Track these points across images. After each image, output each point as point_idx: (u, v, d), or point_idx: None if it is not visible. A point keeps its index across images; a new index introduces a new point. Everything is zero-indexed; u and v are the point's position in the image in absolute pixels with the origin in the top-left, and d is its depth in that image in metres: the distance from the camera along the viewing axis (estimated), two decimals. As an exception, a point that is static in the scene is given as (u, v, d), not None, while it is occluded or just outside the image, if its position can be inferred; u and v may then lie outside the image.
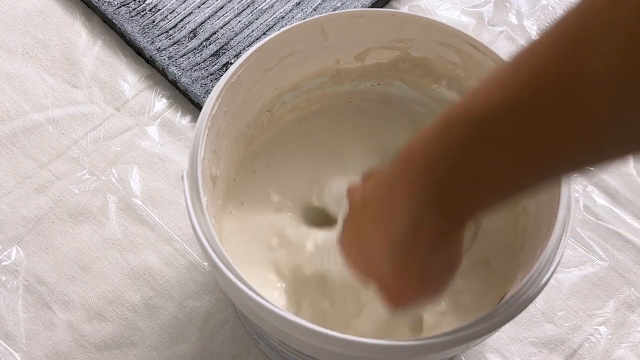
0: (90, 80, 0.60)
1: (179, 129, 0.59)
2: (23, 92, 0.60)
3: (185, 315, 0.52)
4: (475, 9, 0.65)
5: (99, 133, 0.58)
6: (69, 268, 0.53)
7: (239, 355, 0.51)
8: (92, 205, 0.55)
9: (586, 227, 0.56)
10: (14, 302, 0.52)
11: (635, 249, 0.55)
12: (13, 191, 0.56)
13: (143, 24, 0.62)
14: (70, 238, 0.54)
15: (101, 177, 0.56)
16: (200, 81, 0.59)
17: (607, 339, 0.52)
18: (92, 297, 0.52)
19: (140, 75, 0.61)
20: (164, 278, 0.53)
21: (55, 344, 0.51)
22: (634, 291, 0.53)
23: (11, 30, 0.63)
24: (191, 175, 0.39)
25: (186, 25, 0.62)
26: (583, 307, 0.53)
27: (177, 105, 0.60)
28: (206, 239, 0.37)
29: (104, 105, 0.59)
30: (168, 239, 0.54)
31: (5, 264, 0.53)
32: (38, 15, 0.63)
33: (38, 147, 0.58)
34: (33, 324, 0.52)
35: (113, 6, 0.62)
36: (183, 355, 0.51)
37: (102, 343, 0.51)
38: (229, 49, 0.61)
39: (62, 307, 0.52)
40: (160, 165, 0.57)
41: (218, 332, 0.51)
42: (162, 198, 0.56)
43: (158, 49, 0.60)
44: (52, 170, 0.57)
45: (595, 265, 0.54)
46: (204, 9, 0.63)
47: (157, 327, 0.52)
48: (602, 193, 0.57)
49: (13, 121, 0.59)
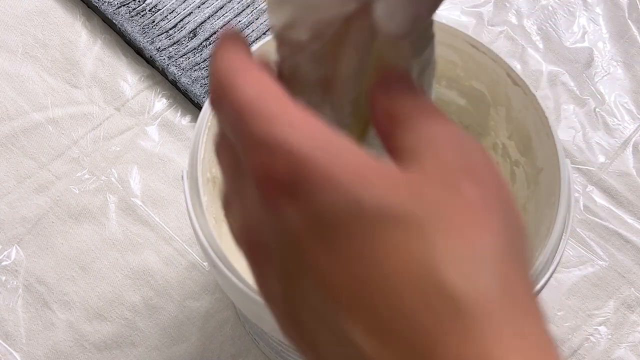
0: (90, 80, 0.60)
1: (179, 129, 0.59)
2: (23, 92, 0.60)
3: (185, 315, 0.52)
4: (475, 9, 0.65)
5: (99, 133, 0.58)
6: (69, 268, 0.53)
7: (239, 355, 0.51)
8: (92, 205, 0.55)
9: (586, 227, 0.56)
10: (14, 302, 0.52)
11: (635, 249, 0.55)
12: (13, 191, 0.56)
13: (143, 24, 0.62)
14: (70, 238, 0.54)
15: (101, 177, 0.56)
16: (200, 81, 0.59)
17: (607, 339, 0.52)
18: (92, 297, 0.52)
19: (140, 75, 0.61)
20: (164, 278, 0.53)
21: (55, 344, 0.51)
22: (633, 291, 0.53)
23: (11, 30, 0.63)
24: (191, 175, 0.39)
25: (186, 25, 0.62)
26: (583, 307, 0.53)
27: (177, 105, 0.60)
28: (206, 239, 0.37)
29: (104, 105, 0.59)
30: (168, 239, 0.54)
31: (5, 264, 0.53)
32: (38, 15, 0.63)
33: (38, 147, 0.58)
34: (33, 324, 0.52)
35: (113, 6, 0.62)
36: (183, 355, 0.51)
37: (102, 343, 0.51)
38: (229, 49, 0.61)
39: (62, 307, 0.52)
40: (160, 165, 0.57)
41: (218, 332, 0.51)
42: (162, 198, 0.56)
43: (158, 49, 0.60)
44: (52, 170, 0.57)
45: (595, 265, 0.54)
46: (204, 9, 0.63)
47: (157, 327, 0.51)
48: (602, 193, 0.57)
49: (13, 121, 0.59)
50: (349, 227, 0.20)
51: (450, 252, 0.19)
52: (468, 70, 0.46)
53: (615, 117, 0.60)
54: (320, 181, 0.20)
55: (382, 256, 0.19)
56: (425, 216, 0.19)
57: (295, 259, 0.21)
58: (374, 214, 0.19)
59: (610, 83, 0.61)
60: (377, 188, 0.19)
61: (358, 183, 0.20)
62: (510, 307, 0.19)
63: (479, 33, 0.64)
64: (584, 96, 0.61)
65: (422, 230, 0.19)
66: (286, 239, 0.21)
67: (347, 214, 0.20)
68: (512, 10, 0.65)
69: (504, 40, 0.63)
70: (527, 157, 0.45)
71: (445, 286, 0.18)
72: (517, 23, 0.64)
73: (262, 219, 0.22)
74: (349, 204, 0.20)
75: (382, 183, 0.20)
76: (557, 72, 0.62)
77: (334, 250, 0.20)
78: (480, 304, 0.18)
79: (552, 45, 0.63)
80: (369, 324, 0.19)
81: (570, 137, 0.59)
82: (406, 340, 0.19)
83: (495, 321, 0.18)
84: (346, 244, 0.20)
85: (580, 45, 0.63)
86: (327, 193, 0.20)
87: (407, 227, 0.19)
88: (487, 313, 0.18)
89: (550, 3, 0.65)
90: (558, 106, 0.60)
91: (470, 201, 0.20)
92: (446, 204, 0.19)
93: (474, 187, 0.20)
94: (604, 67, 0.62)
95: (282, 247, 0.21)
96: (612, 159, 0.58)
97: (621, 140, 0.59)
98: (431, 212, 0.19)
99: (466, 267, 0.19)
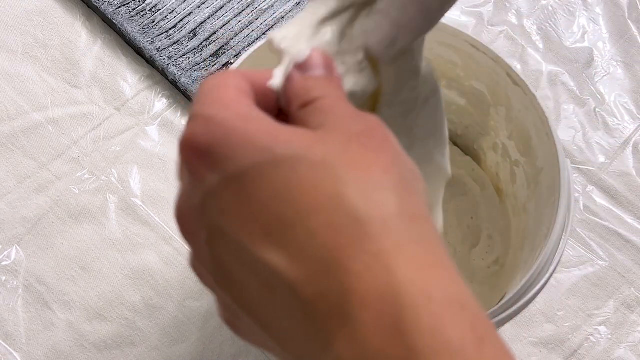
0: (90, 80, 0.60)
1: (179, 129, 0.59)
2: (23, 92, 0.60)
3: (185, 315, 0.52)
4: (475, 9, 0.65)
5: (99, 133, 0.58)
6: (69, 268, 0.53)
7: (239, 355, 0.51)
8: (92, 205, 0.55)
9: (586, 227, 0.56)
10: (14, 302, 0.52)
11: (635, 249, 0.55)
12: (13, 191, 0.56)
13: (143, 24, 0.62)
14: (70, 238, 0.54)
15: (101, 177, 0.56)
16: (200, 81, 0.59)
17: (607, 339, 0.52)
18: (92, 297, 0.52)
19: (140, 75, 0.61)
20: (164, 278, 0.53)
21: (55, 344, 0.51)
22: (633, 291, 0.53)
23: (11, 30, 0.63)
24: (191, 175, 0.39)
25: (186, 25, 0.62)
26: (583, 307, 0.53)
27: (177, 105, 0.60)
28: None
29: (104, 105, 0.59)
30: (168, 239, 0.54)
31: (5, 264, 0.53)
32: (38, 15, 0.63)
33: (38, 147, 0.58)
34: (33, 324, 0.52)
35: (113, 6, 0.62)
36: (183, 355, 0.51)
37: (102, 343, 0.51)
38: (229, 49, 0.61)
39: (62, 307, 0.52)
40: (160, 165, 0.57)
41: (218, 332, 0.51)
42: (162, 198, 0.56)
43: (158, 49, 0.60)
44: (52, 170, 0.57)
45: (595, 265, 0.54)
46: (204, 9, 0.63)
47: (157, 327, 0.52)
48: (602, 193, 0.57)
49: (13, 121, 0.59)
50: (263, 172, 0.23)
51: (353, 182, 0.22)
52: (468, 70, 0.46)
53: (615, 117, 0.60)
54: (235, 141, 0.23)
55: (295, 192, 0.22)
56: (331, 158, 0.23)
57: (215, 213, 0.23)
58: (287, 158, 0.23)
59: (610, 83, 0.61)
60: (290, 141, 0.23)
61: (272, 139, 0.23)
62: (406, 221, 0.22)
63: (479, 33, 0.64)
64: (584, 96, 0.61)
65: (330, 168, 0.22)
66: (206, 199, 0.24)
67: (262, 162, 0.23)
68: (512, 10, 0.65)
69: (504, 40, 0.63)
70: (527, 157, 0.45)
71: (349, 207, 0.22)
72: (517, 23, 0.64)
73: (189, 191, 0.25)
74: (263, 153, 0.23)
75: (295, 136, 0.23)
76: (557, 72, 0.62)
77: (249, 194, 0.23)
78: (379, 218, 0.22)
79: (552, 45, 0.63)
80: (281, 247, 0.22)
81: (570, 137, 0.59)
82: (314, 254, 0.22)
83: (393, 230, 0.22)
84: (260, 186, 0.23)
85: (580, 45, 0.63)
86: (242, 150, 0.23)
87: (317, 167, 0.23)
88: (386, 225, 0.22)
89: (550, 3, 0.65)
90: (558, 106, 0.60)
91: (367, 148, 0.23)
92: (348, 150, 0.23)
93: (368, 139, 0.24)
94: (604, 67, 0.62)
95: (204, 208, 0.24)
96: (612, 159, 0.58)
97: (621, 140, 0.59)
98: (336, 155, 0.23)
99: (367, 192, 0.22)
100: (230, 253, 0.23)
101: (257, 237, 0.22)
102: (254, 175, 0.23)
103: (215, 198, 0.23)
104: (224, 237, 0.23)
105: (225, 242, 0.23)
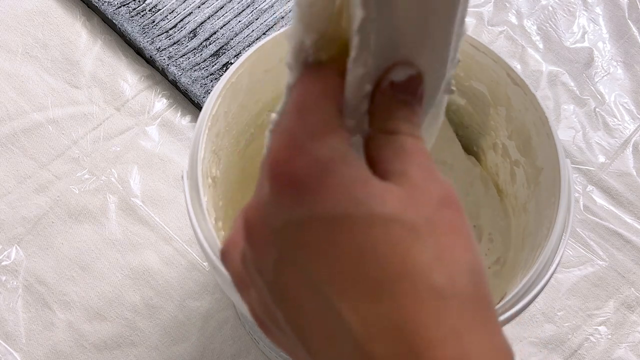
0: (90, 80, 0.60)
1: (179, 129, 0.59)
2: (23, 92, 0.60)
3: (185, 315, 0.52)
4: (475, 9, 0.65)
5: (99, 133, 0.58)
6: (69, 268, 0.53)
7: (239, 355, 0.51)
8: (92, 205, 0.55)
9: (586, 227, 0.56)
10: (14, 302, 0.52)
11: (635, 249, 0.55)
12: (13, 191, 0.56)
13: (143, 24, 0.62)
14: (70, 238, 0.54)
15: (101, 177, 0.56)
16: (200, 81, 0.59)
17: (607, 338, 0.52)
18: (92, 297, 0.52)
19: (140, 75, 0.61)
20: (164, 278, 0.53)
21: (55, 344, 0.51)
22: (633, 291, 0.53)
23: (11, 30, 0.63)
24: (191, 175, 0.39)
25: (186, 25, 0.62)
26: (583, 307, 0.53)
27: (177, 105, 0.60)
28: (206, 239, 0.37)
29: (104, 105, 0.59)
30: (168, 239, 0.54)
31: (5, 264, 0.53)
32: (38, 15, 0.63)
33: (38, 147, 0.58)
34: (33, 324, 0.52)
35: (113, 6, 0.62)
36: (183, 355, 0.51)
37: (102, 343, 0.51)
38: (229, 49, 0.61)
39: (62, 307, 0.52)
40: (160, 165, 0.57)
41: (218, 332, 0.51)
42: (162, 198, 0.56)
43: (158, 49, 0.60)
44: (52, 170, 0.57)
45: (595, 265, 0.54)
46: (204, 9, 0.63)
47: (157, 327, 0.52)
48: (602, 193, 0.57)
49: (13, 121, 0.59)
50: (354, 225, 0.23)
51: (437, 254, 0.23)
52: (468, 70, 0.46)
53: (615, 117, 0.60)
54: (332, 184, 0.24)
55: (385, 256, 0.23)
56: (420, 226, 0.23)
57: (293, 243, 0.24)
58: (381, 218, 0.23)
59: (610, 83, 0.61)
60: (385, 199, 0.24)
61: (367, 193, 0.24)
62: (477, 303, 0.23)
63: (479, 33, 0.64)
64: (584, 96, 0.61)
65: (420, 238, 0.23)
66: (289, 226, 0.24)
67: (356, 216, 0.23)
68: (512, 10, 0.65)
69: (504, 40, 0.63)
70: (527, 157, 0.45)
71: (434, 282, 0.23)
72: (517, 23, 0.64)
73: (269, 209, 0.25)
74: (358, 207, 0.23)
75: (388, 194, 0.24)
76: (557, 72, 0.62)
77: (336, 242, 0.23)
78: (459, 298, 0.23)
79: (552, 45, 0.63)
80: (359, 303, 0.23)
81: (570, 137, 0.59)
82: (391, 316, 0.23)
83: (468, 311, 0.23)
84: (350, 238, 0.23)
85: (580, 45, 0.63)
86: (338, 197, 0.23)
87: (408, 232, 0.23)
88: (463, 305, 0.23)
89: (550, 3, 0.65)
90: (558, 106, 0.60)
91: (450, 222, 0.24)
92: (433, 221, 0.24)
93: (449, 210, 0.24)
94: (604, 67, 0.62)
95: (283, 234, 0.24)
96: (612, 159, 0.58)
97: (621, 140, 0.59)
98: (425, 224, 0.24)
99: (450, 269, 0.23)
100: (300, 284, 0.24)
101: (337, 287, 0.23)
102: (346, 225, 0.23)
103: (299, 231, 0.24)
104: (296, 267, 0.24)
105: (297, 271, 0.24)
